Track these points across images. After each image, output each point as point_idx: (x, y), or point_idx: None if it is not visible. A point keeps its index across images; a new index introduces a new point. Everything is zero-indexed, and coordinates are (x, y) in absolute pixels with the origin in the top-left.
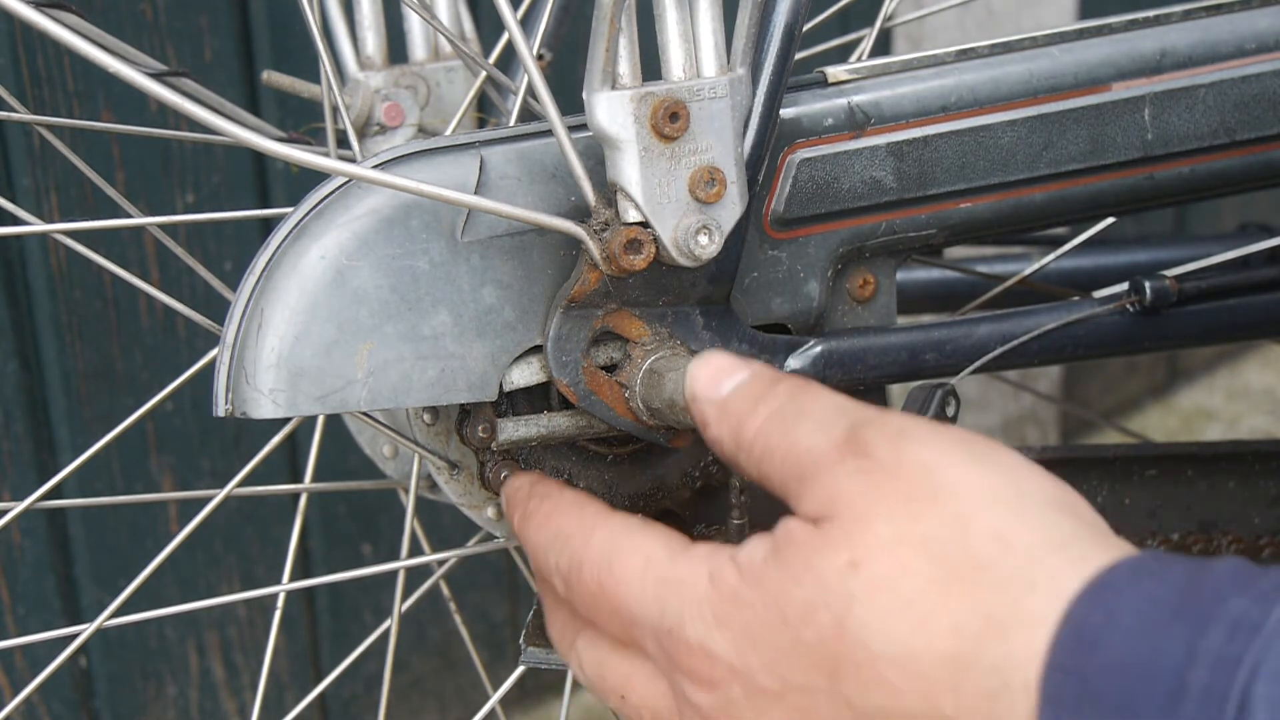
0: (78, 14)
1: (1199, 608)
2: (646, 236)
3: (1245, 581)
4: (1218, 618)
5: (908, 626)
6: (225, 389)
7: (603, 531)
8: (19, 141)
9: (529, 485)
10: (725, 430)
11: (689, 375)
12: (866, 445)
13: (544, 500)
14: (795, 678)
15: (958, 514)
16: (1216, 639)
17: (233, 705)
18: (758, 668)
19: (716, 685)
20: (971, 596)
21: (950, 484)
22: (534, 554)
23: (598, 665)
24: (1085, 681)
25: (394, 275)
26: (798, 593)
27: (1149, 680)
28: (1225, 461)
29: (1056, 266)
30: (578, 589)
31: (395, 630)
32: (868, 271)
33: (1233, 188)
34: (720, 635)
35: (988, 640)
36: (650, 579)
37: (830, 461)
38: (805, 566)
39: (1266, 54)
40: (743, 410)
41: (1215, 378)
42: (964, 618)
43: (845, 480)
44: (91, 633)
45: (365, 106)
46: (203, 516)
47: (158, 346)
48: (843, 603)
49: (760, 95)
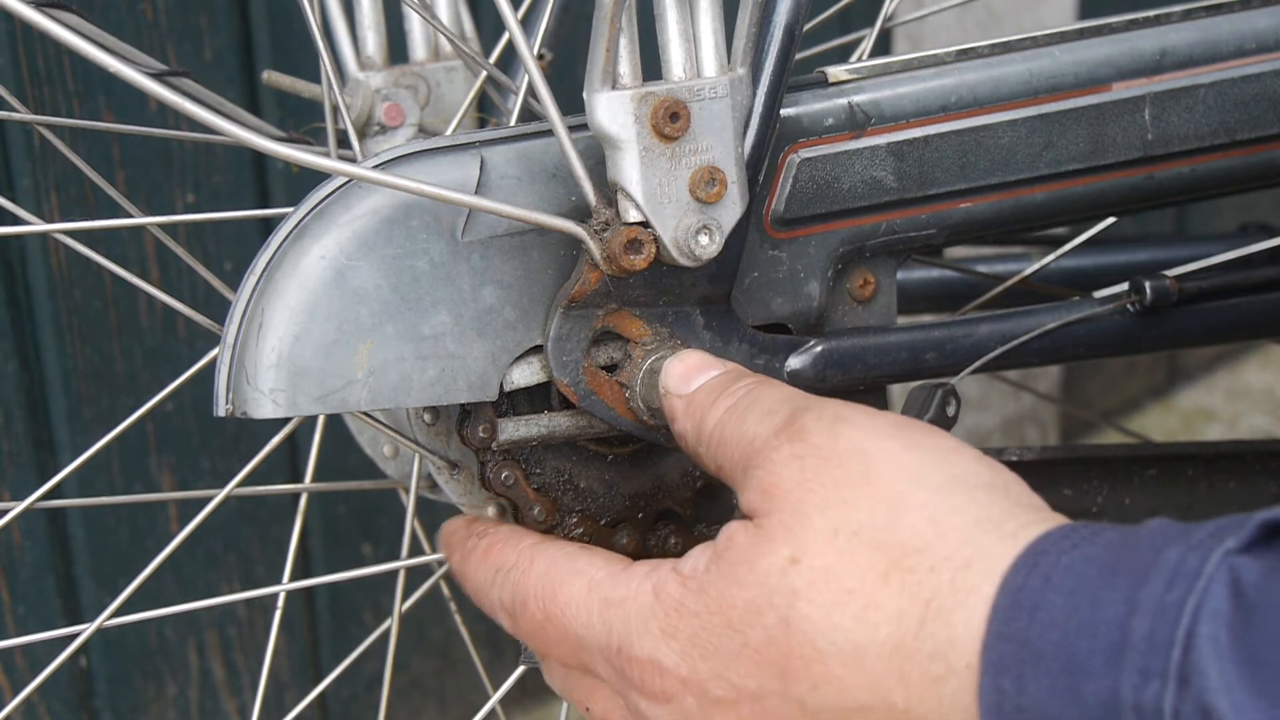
0: (78, 14)
1: (1136, 561)
2: (647, 236)
3: (1178, 534)
4: (1155, 568)
5: (851, 618)
6: (226, 389)
7: (542, 561)
8: (19, 141)
9: (465, 526)
10: (689, 424)
11: (664, 371)
12: (803, 430)
13: (481, 538)
14: (747, 684)
15: (890, 499)
16: (1156, 588)
17: (233, 705)
18: (708, 677)
19: (670, 698)
20: (911, 582)
21: (882, 469)
22: (476, 593)
23: (564, 684)
24: (1026, 644)
25: (394, 275)
26: (741, 595)
27: (1091, 635)
28: (1225, 461)
29: (1056, 266)
30: (524, 622)
31: (395, 630)
32: (868, 271)
33: (1233, 188)
34: (668, 648)
35: (929, 625)
36: (594, 601)
37: (769, 448)
38: (748, 568)
39: (1266, 54)
40: (705, 404)
41: (1215, 378)
42: (905, 604)
43: (782, 468)
44: (91, 633)
45: (365, 106)
46: (203, 516)
47: (158, 346)
48: (786, 599)
49: (761, 95)
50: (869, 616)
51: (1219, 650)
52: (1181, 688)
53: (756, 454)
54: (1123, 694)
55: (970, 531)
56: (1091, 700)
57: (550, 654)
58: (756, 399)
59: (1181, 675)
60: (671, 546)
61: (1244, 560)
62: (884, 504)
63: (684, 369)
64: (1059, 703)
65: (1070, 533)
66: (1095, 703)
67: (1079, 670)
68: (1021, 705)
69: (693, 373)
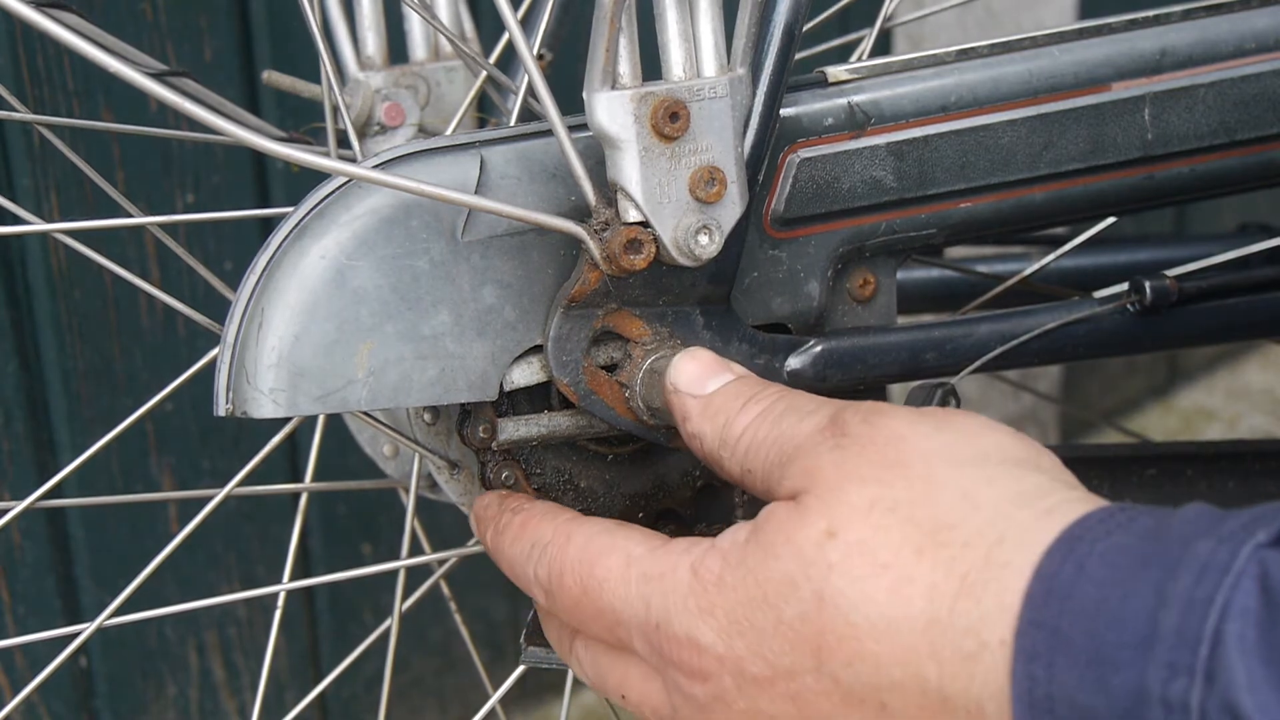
0: (78, 14)
1: (1166, 553)
2: (646, 236)
3: (1210, 524)
4: (1185, 561)
5: (885, 591)
6: (225, 389)
7: (580, 536)
8: (19, 141)
9: (498, 501)
10: (709, 426)
11: (673, 367)
12: (844, 424)
13: (515, 514)
14: (782, 661)
15: (924, 476)
16: (1185, 582)
17: (233, 705)
18: (745, 655)
19: (708, 677)
20: (945, 557)
21: (917, 450)
22: (511, 568)
23: (595, 667)
24: (1057, 633)
25: (394, 275)
26: (777, 567)
27: (1120, 627)
28: (1225, 461)
29: (1056, 266)
30: (560, 597)
31: (395, 630)
32: (868, 271)
33: (1233, 188)
34: (706, 625)
35: (962, 600)
36: (633, 576)
37: (812, 443)
38: (785, 540)
39: (1266, 54)
40: (731, 408)
41: (1215, 378)
42: (939, 578)
43: (823, 455)
44: (91, 633)
45: (365, 106)
46: (203, 516)
47: (158, 346)
48: (821, 572)
49: (760, 95)
50: (902, 590)
51: (1245, 648)
52: (1208, 684)
53: (798, 449)
54: (1150, 687)
55: (1003, 507)
56: (1119, 692)
57: (585, 630)
58: (790, 404)
59: (1209, 672)
60: None
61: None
62: (919, 481)
63: (699, 368)
64: (1087, 693)
65: (1106, 517)
66: (1123, 694)
67: (1107, 662)
68: (1051, 693)
69: (708, 374)
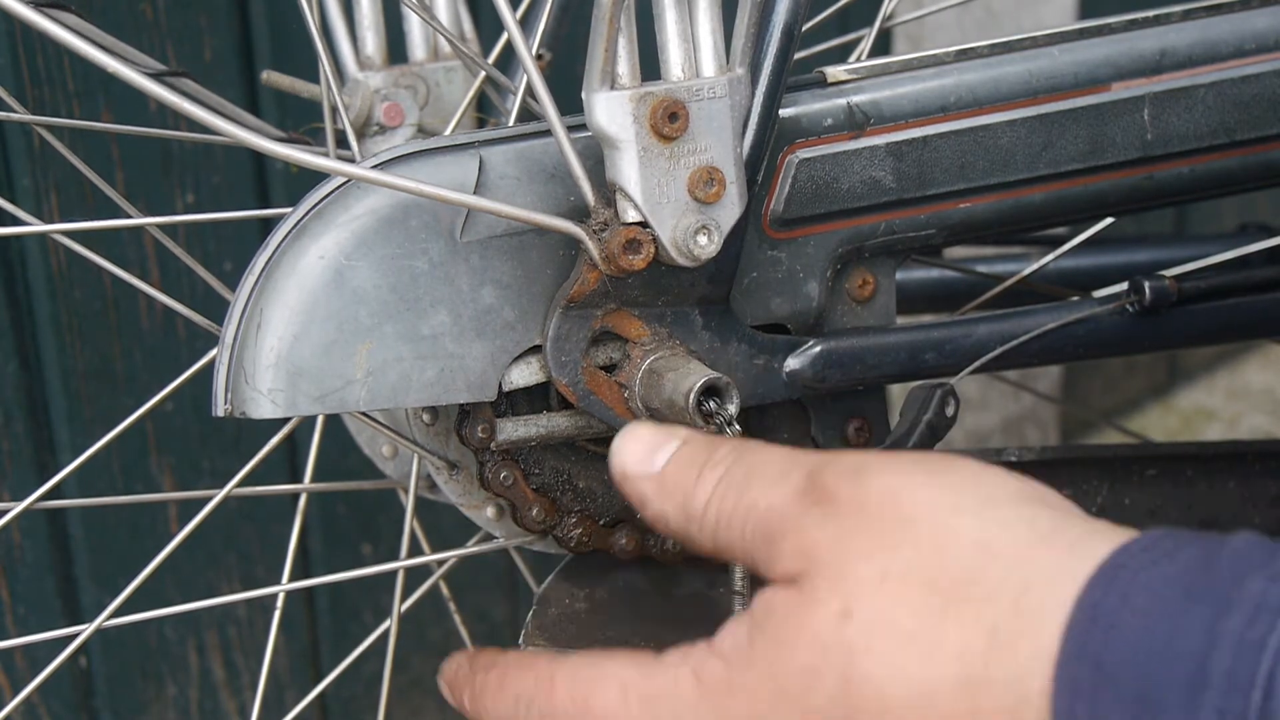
0: (78, 14)
1: (1216, 588)
2: (646, 236)
3: (1263, 559)
4: (1237, 599)
5: (915, 662)
6: (224, 389)
7: (563, 677)
8: (19, 141)
9: (467, 662)
10: (669, 505)
11: (616, 451)
12: (827, 489)
13: (489, 671)
14: None
15: (931, 534)
16: (1237, 622)
17: (233, 705)
18: None
19: None
20: (970, 614)
21: (916, 504)
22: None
23: None
24: (1100, 667)
25: (393, 275)
26: (795, 659)
27: (1168, 665)
28: (1225, 461)
29: (1056, 266)
30: None
31: (395, 630)
32: (867, 271)
33: (1233, 188)
34: None
35: (996, 655)
36: (632, 701)
37: (795, 514)
38: (796, 629)
39: (1266, 54)
40: (686, 481)
41: (1215, 378)
42: (968, 637)
43: (815, 530)
44: (91, 633)
45: (365, 106)
46: (203, 516)
47: (158, 346)
48: (844, 657)
49: (759, 95)
50: (933, 656)
51: None
52: None
53: (780, 522)
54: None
55: (1023, 551)
56: None
57: None
58: (751, 466)
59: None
60: (671, 546)
61: None
62: (926, 538)
63: (641, 446)
64: None
65: (1150, 545)
66: None
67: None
68: None
69: (653, 449)
